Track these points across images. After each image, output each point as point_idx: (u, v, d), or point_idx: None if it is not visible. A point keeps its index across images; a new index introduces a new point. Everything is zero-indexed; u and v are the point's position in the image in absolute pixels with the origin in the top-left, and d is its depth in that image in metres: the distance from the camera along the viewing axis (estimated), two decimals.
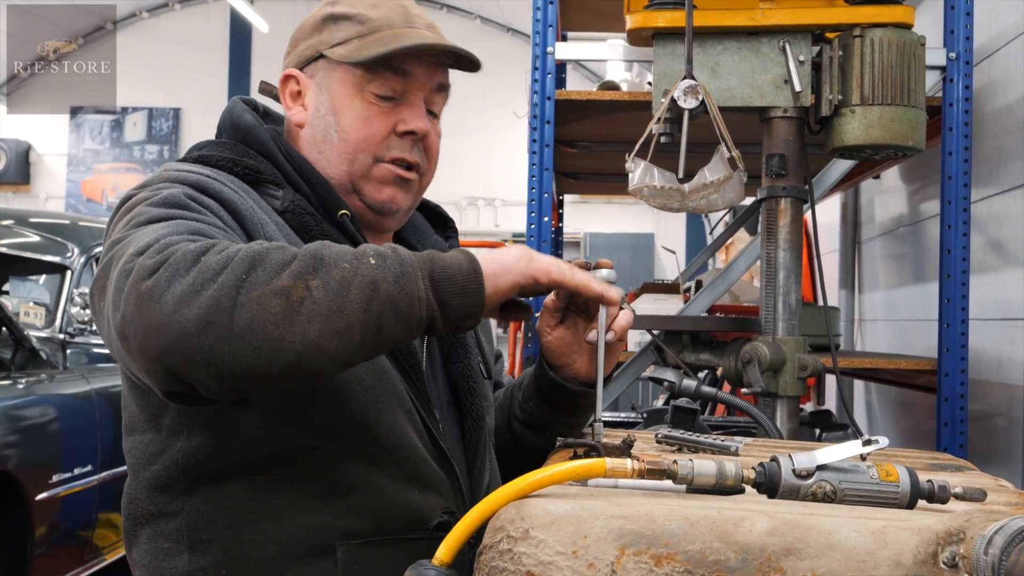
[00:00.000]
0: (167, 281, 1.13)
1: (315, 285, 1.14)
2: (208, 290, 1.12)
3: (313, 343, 1.14)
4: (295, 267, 1.15)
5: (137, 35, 15.15)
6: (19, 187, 15.14)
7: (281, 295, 1.13)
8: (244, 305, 1.12)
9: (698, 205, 2.39)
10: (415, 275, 1.20)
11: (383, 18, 1.50)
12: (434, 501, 1.42)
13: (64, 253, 4.41)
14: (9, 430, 3.62)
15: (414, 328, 1.20)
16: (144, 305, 1.13)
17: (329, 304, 1.14)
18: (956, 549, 0.90)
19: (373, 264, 1.18)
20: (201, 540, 1.35)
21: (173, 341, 1.12)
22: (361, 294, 1.16)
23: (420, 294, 1.19)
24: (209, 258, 1.15)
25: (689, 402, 1.90)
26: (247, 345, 1.12)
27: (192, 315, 1.11)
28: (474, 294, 1.23)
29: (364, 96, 1.50)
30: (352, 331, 1.15)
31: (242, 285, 1.13)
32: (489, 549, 0.96)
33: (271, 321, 1.12)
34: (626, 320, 1.51)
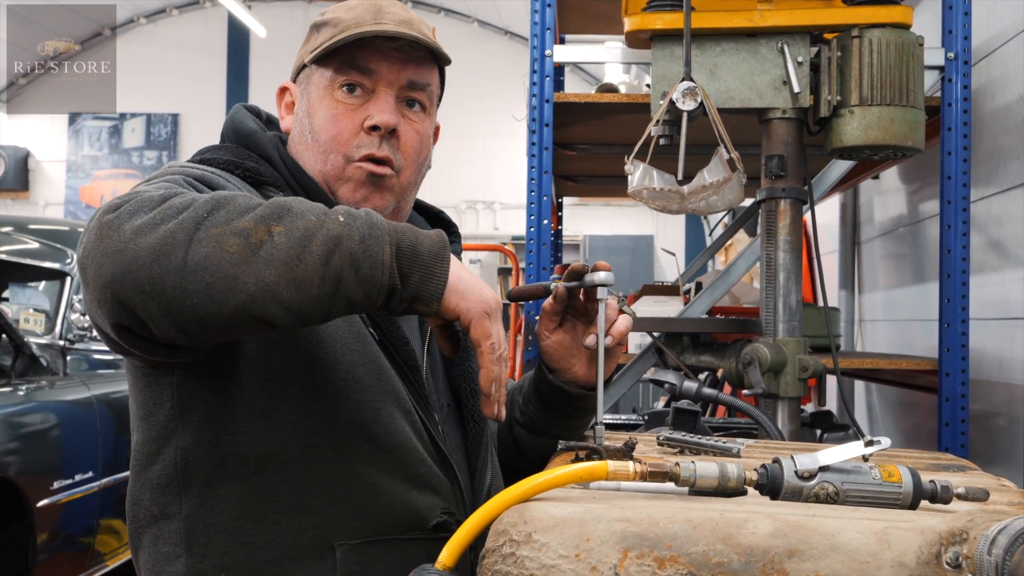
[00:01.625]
0: (128, 214, 1.14)
1: (277, 231, 1.14)
2: (168, 224, 1.13)
3: (267, 287, 1.12)
4: (260, 212, 1.15)
5: (135, 41, 15.15)
6: (18, 194, 15.14)
7: (240, 235, 1.12)
8: (201, 241, 1.12)
9: (697, 207, 2.39)
10: (382, 240, 1.18)
11: (354, 19, 1.52)
12: (433, 501, 1.42)
13: (63, 259, 4.41)
14: (10, 437, 3.61)
15: (374, 293, 1.18)
16: (103, 234, 1.14)
17: (289, 251, 1.13)
18: (959, 549, 0.90)
19: (341, 221, 1.17)
20: (199, 543, 1.35)
21: (125, 268, 1.11)
22: (323, 246, 1.14)
23: (384, 258, 1.17)
24: (174, 200, 1.16)
25: (690, 404, 1.90)
26: (199, 280, 1.11)
27: (147, 244, 1.11)
28: (435, 278, 1.21)
29: (334, 95, 1.51)
30: (309, 281, 1.14)
31: (202, 222, 1.13)
32: (492, 553, 0.96)
33: (227, 260, 1.12)
34: (624, 325, 1.51)
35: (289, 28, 14.42)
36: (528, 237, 3.00)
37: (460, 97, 13.39)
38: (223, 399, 1.34)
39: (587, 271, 1.46)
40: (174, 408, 1.36)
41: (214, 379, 1.35)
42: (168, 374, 1.36)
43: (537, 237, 2.98)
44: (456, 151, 13.39)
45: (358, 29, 1.49)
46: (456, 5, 14.51)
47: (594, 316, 1.48)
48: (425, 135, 1.57)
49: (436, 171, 1.59)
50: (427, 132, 1.58)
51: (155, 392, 1.38)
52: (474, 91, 13.33)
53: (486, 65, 13.61)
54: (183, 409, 1.36)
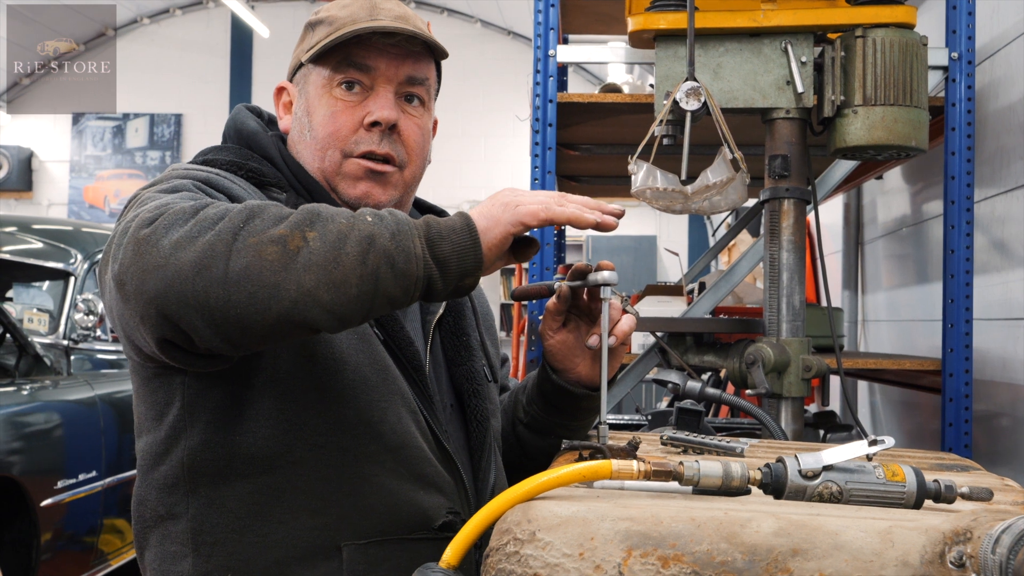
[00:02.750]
0: (164, 228, 1.15)
1: (312, 236, 1.15)
2: (205, 236, 1.14)
3: (308, 292, 1.14)
4: (293, 219, 1.16)
5: (138, 41, 15.15)
6: (21, 194, 15.13)
7: (278, 243, 1.14)
8: (240, 251, 1.13)
9: (701, 207, 2.40)
10: (412, 234, 1.20)
11: (349, 16, 1.52)
12: (438, 501, 1.42)
13: (67, 259, 4.42)
14: (14, 436, 3.62)
15: (412, 287, 1.19)
16: (141, 249, 1.15)
17: (325, 255, 1.14)
18: (963, 549, 0.90)
19: (370, 221, 1.19)
20: (206, 543, 1.35)
21: (168, 283, 1.12)
22: (358, 247, 1.16)
23: (416, 251, 1.19)
24: (207, 211, 1.17)
25: (694, 404, 1.90)
26: (242, 290, 1.12)
27: (188, 257, 1.12)
28: (471, 251, 1.22)
29: (332, 93, 1.51)
30: (348, 283, 1.15)
31: (239, 232, 1.14)
32: (496, 552, 0.96)
33: (267, 268, 1.13)
34: (628, 325, 1.52)
35: (292, 28, 14.42)
36: None
37: (463, 97, 13.39)
38: (231, 399, 1.35)
39: (591, 270, 1.46)
40: (183, 408, 1.37)
41: (223, 380, 1.35)
42: (178, 375, 1.36)
43: (540, 237, 2.98)
44: (459, 151, 13.38)
45: (354, 26, 1.49)
46: (459, 5, 14.50)
47: (598, 316, 1.48)
48: (425, 129, 1.57)
49: (438, 171, 1.59)
50: (427, 126, 1.58)
51: (165, 393, 1.38)
52: (477, 91, 13.33)
53: (489, 65, 13.60)
54: (192, 409, 1.36)
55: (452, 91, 1.57)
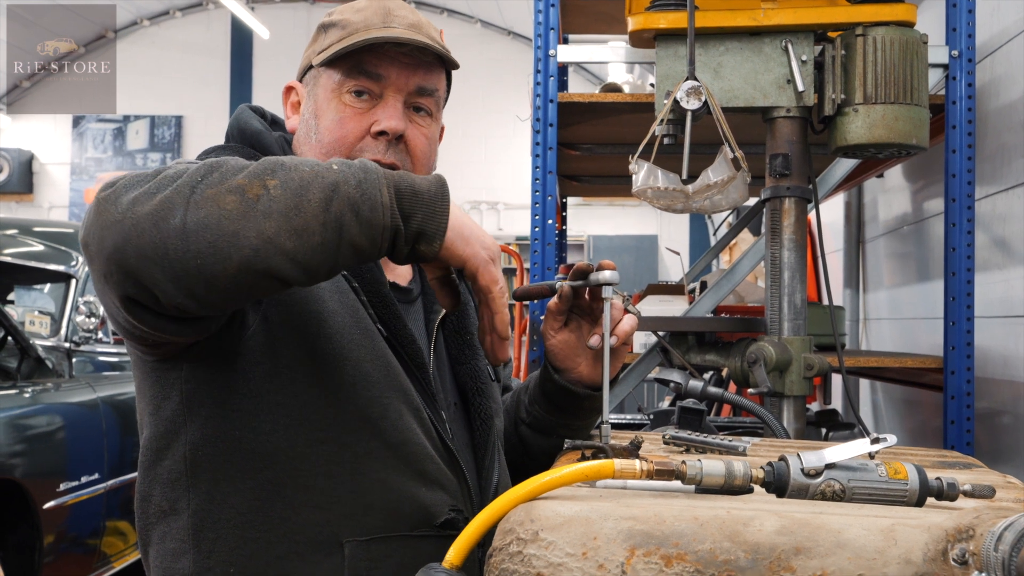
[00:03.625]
0: (124, 188, 1.15)
1: (272, 184, 1.14)
2: (164, 192, 1.13)
3: (269, 239, 1.12)
4: (253, 169, 1.15)
5: (138, 43, 15.17)
6: (22, 197, 15.16)
7: (236, 192, 1.13)
8: (199, 202, 1.12)
9: (702, 206, 2.40)
10: (379, 183, 1.19)
11: (363, 21, 1.51)
12: (441, 498, 1.42)
13: (68, 262, 4.42)
14: (16, 439, 3.62)
15: (377, 236, 1.18)
16: (101, 208, 1.14)
17: (286, 202, 1.13)
18: (966, 546, 0.90)
19: (335, 169, 1.18)
20: (207, 539, 1.35)
21: (126, 236, 1.12)
22: (320, 193, 1.14)
23: (383, 200, 1.17)
24: (167, 171, 1.17)
25: (696, 403, 1.90)
26: (201, 240, 1.11)
27: (146, 211, 1.12)
28: (438, 216, 1.21)
29: (341, 99, 1.51)
30: (311, 230, 1.14)
31: (197, 185, 1.13)
32: (499, 551, 0.96)
33: (226, 216, 1.11)
34: (630, 325, 1.52)
35: (292, 29, 14.44)
36: (533, 237, 3.00)
37: (464, 97, 13.39)
38: (231, 393, 1.35)
39: (592, 270, 1.46)
40: (182, 402, 1.37)
41: (222, 373, 1.35)
42: (177, 368, 1.36)
43: (542, 237, 2.98)
44: (460, 151, 13.40)
45: (367, 33, 1.48)
46: (459, 6, 14.51)
47: (599, 315, 1.48)
48: (432, 139, 1.57)
49: (440, 171, 1.59)
50: (434, 135, 1.58)
51: (164, 386, 1.38)
52: (477, 91, 13.33)
53: (489, 65, 13.61)
54: (191, 403, 1.36)
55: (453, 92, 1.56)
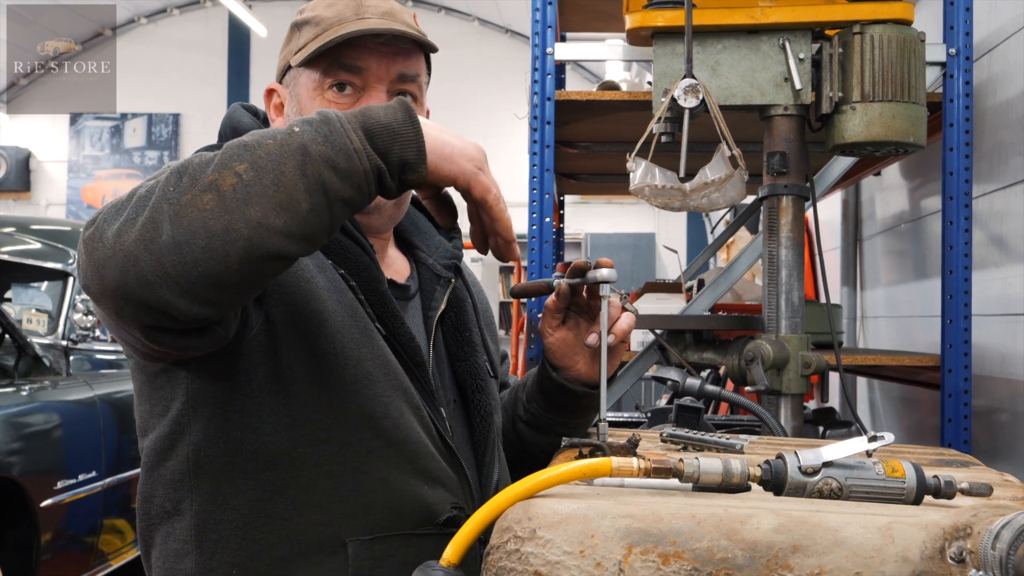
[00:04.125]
0: (105, 221, 1.14)
1: (242, 169, 1.12)
2: (143, 214, 1.12)
3: (259, 224, 1.11)
4: (219, 159, 1.14)
5: (136, 41, 15.15)
6: (20, 194, 15.14)
7: (211, 189, 1.11)
8: (179, 212, 1.11)
9: (700, 204, 2.39)
10: (344, 130, 1.17)
11: (335, 15, 1.50)
12: (443, 496, 1.42)
13: (66, 260, 4.42)
14: (13, 437, 3.62)
15: (363, 182, 1.17)
16: (90, 248, 1.14)
17: (262, 181, 1.12)
18: (963, 544, 0.90)
19: (298, 132, 1.16)
20: (209, 540, 1.35)
21: (122, 268, 1.11)
22: (292, 161, 1.13)
23: (355, 146, 1.16)
24: (139, 191, 1.15)
25: (693, 401, 1.90)
26: (195, 247, 1.10)
27: (132, 238, 1.11)
28: (414, 141, 1.20)
29: (324, 96, 1.50)
30: (296, 200, 1.13)
31: (171, 196, 1.12)
32: (496, 549, 0.96)
33: (210, 216, 1.10)
34: (627, 323, 1.52)
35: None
36: (530, 235, 3.00)
37: (461, 96, 13.38)
38: (233, 394, 1.35)
39: (590, 268, 1.46)
40: (187, 403, 1.36)
41: (226, 373, 1.35)
42: (181, 369, 1.36)
43: (539, 235, 2.98)
44: None
45: (341, 27, 1.47)
46: (456, 4, 14.49)
47: (597, 313, 1.48)
48: None
49: None
50: None
51: (170, 389, 1.38)
52: (475, 89, 13.32)
53: (487, 63, 13.60)
54: (195, 404, 1.36)
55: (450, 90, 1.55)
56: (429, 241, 1.66)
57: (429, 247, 1.65)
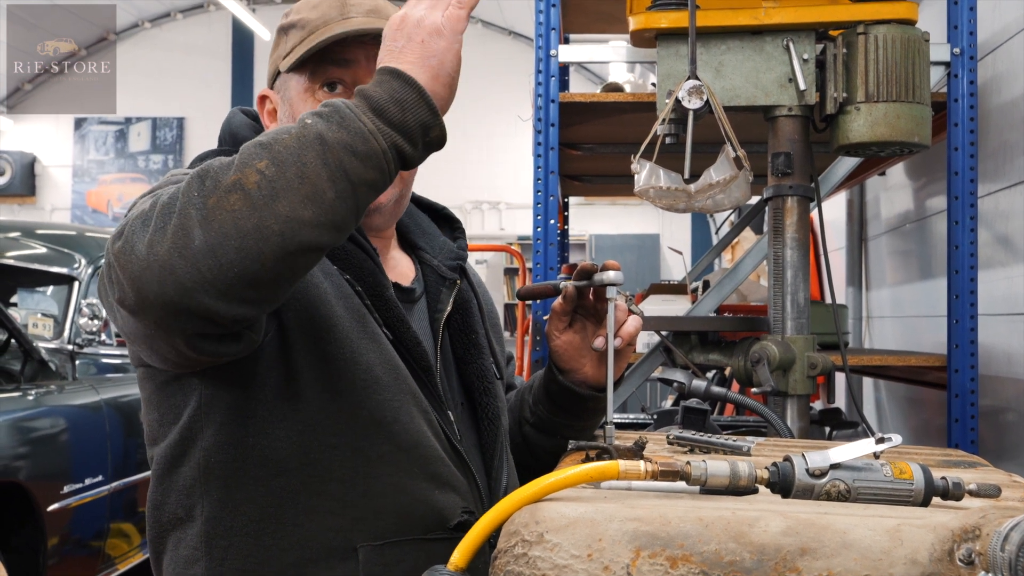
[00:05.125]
0: (133, 234, 1.14)
1: (263, 166, 1.13)
2: (171, 221, 1.12)
3: (289, 218, 1.12)
4: (239, 160, 1.14)
5: (140, 45, 15.18)
6: (25, 199, 15.17)
7: (236, 189, 1.12)
8: (208, 217, 1.11)
9: (704, 205, 2.39)
10: (355, 114, 1.17)
11: (320, 17, 1.50)
12: (454, 500, 1.42)
13: (71, 264, 4.42)
14: (20, 442, 3.62)
15: (383, 162, 1.17)
16: (123, 263, 1.14)
17: (286, 175, 1.12)
18: (972, 546, 0.89)
19: (311, 123, 1.16)
20: (219, 546, 1.35)
21: (161, 279, 1.11)
22: (313, 152, 1.14)
23: (369, 128, 1.16)
24: (162, 199, 1.15)
25: (699, 403, 1.90)
26: (229, 248, 1.11)
27: (166, 247, 1.11)
28: (420, 103, 1.20)
29: (315, 97, 1.50)
30: (321, 190, 1.13)
31: (196, 201, 1.12)
32: (504, 553, 0.96)
33: (239, 216, 1.11)
34: (634, 326, 1.51)
35: None
36: (535, 237, 3.00)
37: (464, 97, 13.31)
38: (246, 400, 1.35)
39: (596, 270, 1.46)
40: (199, 409, 1.37)
41: (237, 380, 1.35)
42: (194, 376, 1.36)
43: (544, 237, 2.98)
44: (461, 151, 13.38)
45: (327, 29, 1.47)
46: None
47: (604, 316, 1.48)
48: None
49: (440, 171, 1.59)
50: None
51: (182, 396, 1.38)
52: (478, 91, 13.31)
53: (490, 65, 13.60)
54: (207, 410, 1.36)
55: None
56: (433, 242, 1.66)
57: (433, 248, 1.65)
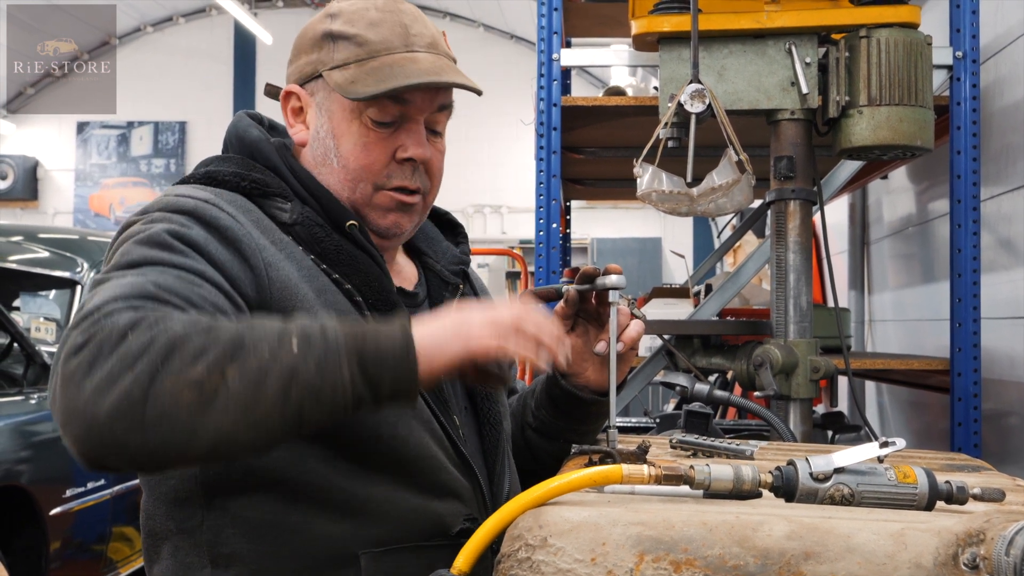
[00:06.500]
0: (88, 364, 1.12)
1: (231, 375, 1.12)
2: (124, 379, 1.11)
3: (227, 434, 1.12)
4: (213, 355, 1.13)
5: (142, 50, 15.21)
6: (27, 203, 15.19)
7: (194, 387, 1.11)
8: (158, 395, 1.11)
9: (707, 209, 2.39)
10: (340, 360, 1.16)
11: (382, 41, 1.46)
12: (456, 508, 1.41)
13: (73, 268, 4.42)
14: (22, 445, 3.62)
15: (339, 411, 1.18)
16: (66, 388, 1.13)
17: (244, 395, 1.12)
18: (976, 550, 0.89)
19: (295, 351, 1.15)
20: (223, 555, 1.35)
21: (88, 428, 1.11)
22: (278, 383, 1.13)
23: (344, 380, 1.16)
24: (132, 341, 1.13)
25: (702, 406, 1.90)
26: (159, 435, 1.11)
27: (105, 405, 1.11)
28: (405, 379, 1.19)
29: (362, 121, 1.46)
30: (269, 420, 1.14)
31: (157, 374, 1.11)
32: (507, 558, 0.96)
33: (184, 412, 1.11)
34: (636, 331, 1.51)
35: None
36: (537, 241, 3.00)
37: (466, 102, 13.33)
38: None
39: (599, 274, 1.46)
40: None
41: None
42: None
43: (546, 241, 2.98)
44: (463, 155, 13.39)
45: (390, 58, 1.44)
46: (461, 9, 14.52)
47: (606, 320, 1.48)
48: (444, 152, 1.56)
49: (443, 175, 1.58)
50: (445, 149, 1.57)
51: None
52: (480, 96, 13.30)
53: (492, 69, 13.61)
54: None
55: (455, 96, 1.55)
56: (436, 247, 1.66)
57: (436, 252, 1.65)
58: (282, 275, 1.36)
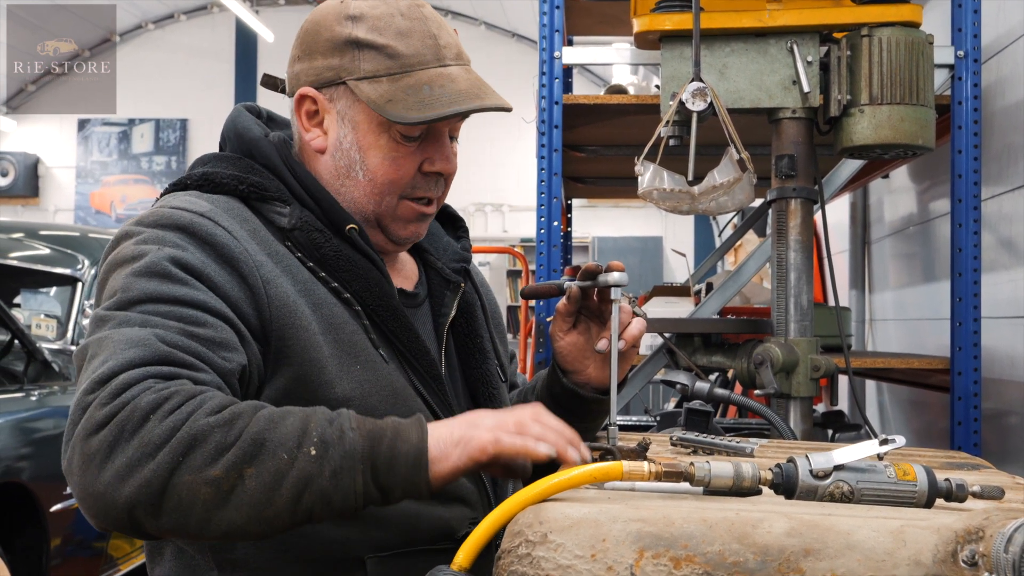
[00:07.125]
0: (109, 447, 1.14)
1: (248, 474, 1.14)
2: (144, 468, 1.13)
3: (238, 527, 1.16)
4: (232, 455, 1.14)
5: (143, 47, 15.20)
6: (28, 200, 15.18)
7: (212, 484, 1.14)
8: (176, 487, 1.13)
9: (708, 207, 2.40)
10: (355, 469, 1.17)
11: (415, 55, 1.43)
12: (461, 512, 1.42)
13: (75, 265, 4.43)
14: (23, 442, 3.63)
15: (348, 511, 1.20)
16: (86, 468, 1.15)
17: (258, 496, 1.15)
18: (976, 548, 0.89)
19: (312, 457, 1.16)
20: (229, 559, 1.35)
21: (105, 512, 1.16)
22: (293, 489, 1.15)
23: (357, 488, 1.17)
24: (153, 427, 1.14)
25: (702, 404, 1.90)
26: (173, 522, 1.15)
27: (125, 492, 1.13)
28: (415, 487, 1.20)
29: (391, 135, 1.44)
30: (279, 519, 1.16)
31: (177, 468, 1.13)
32: (508, 554, 0.96)
33: (200, 506, 1.14)
34: (638, 329, 1.51)
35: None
36: (538, 239, 3.00)
37: None
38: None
39: (601, 271, 1.45)
40: None
41: None
42: None
43: (547, 239, 2.98)
44: (465, 153, 13.30)
45: (425, 73, 1.42)
46: (463, 8, 14.51)
47: (608, 317, 1.48)
48: (457, 154, 1.56)
49: None
50: (457, 151, 1.57)
51: None
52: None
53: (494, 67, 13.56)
54: None
55: None
56: (438, 243, 1.65)
57: (437, 249, 1.64)
58: (280, 292, 1.35)
